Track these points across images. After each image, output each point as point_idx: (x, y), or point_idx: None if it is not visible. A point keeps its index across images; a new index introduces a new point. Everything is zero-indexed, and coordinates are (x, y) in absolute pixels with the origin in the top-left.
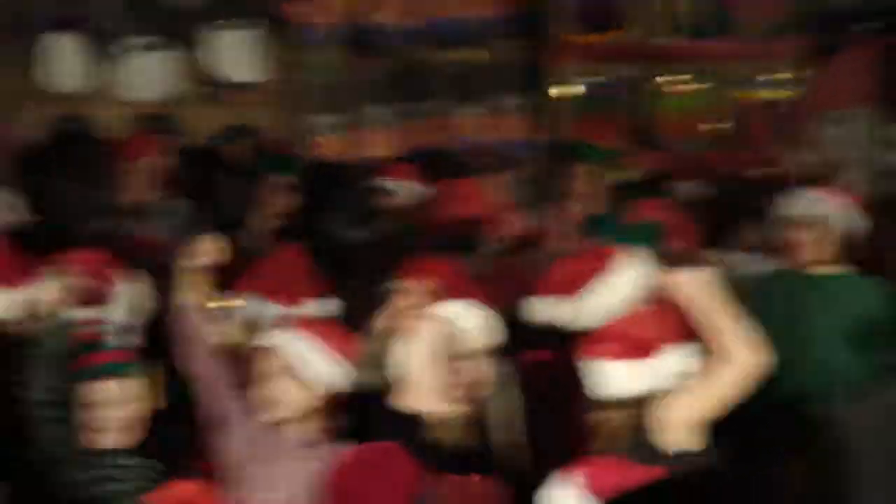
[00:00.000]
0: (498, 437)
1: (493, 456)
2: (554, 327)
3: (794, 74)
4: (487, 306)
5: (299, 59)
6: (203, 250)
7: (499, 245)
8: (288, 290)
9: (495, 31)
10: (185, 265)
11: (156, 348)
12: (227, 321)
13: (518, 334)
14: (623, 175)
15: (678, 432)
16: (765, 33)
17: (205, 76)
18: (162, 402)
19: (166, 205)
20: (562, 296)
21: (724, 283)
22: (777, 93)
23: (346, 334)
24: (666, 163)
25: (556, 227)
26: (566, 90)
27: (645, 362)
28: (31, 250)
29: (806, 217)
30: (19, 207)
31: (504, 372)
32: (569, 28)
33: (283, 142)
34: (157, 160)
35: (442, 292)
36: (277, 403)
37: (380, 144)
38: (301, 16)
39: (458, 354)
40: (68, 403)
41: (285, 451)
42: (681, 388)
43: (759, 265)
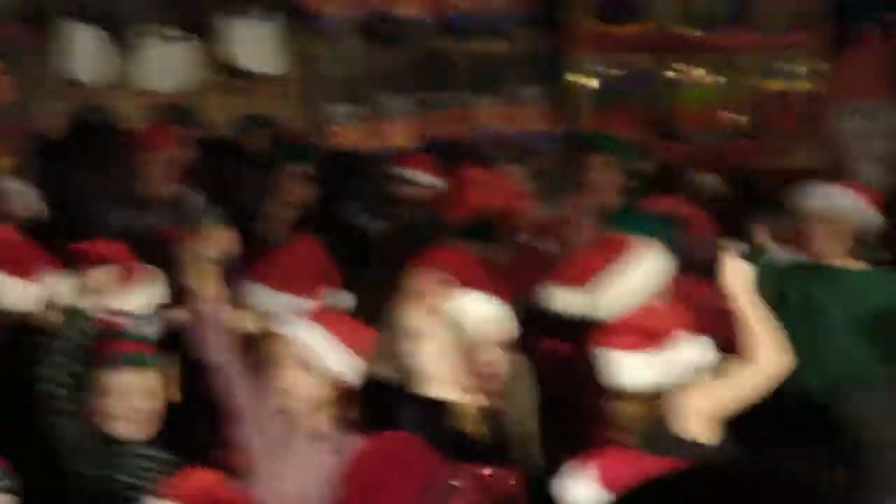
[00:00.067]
0: (514, 427)
1: (509, 446)
2: (571, 317)
3: (813, 66)
4: (503, 297)
5: (318, 50)
6: (213, 240)
7: (517, 235)
8: (304, 281)
9: (514, 21)
10: (195, 255)
11: (173, 340)
12: (243, 312)
13: (535, 325)
14: (641, 166)
15: (695, 425)
16: (783, 24)
17: (223, 67)
18: (178, 394)
19: (185, 196)
20: (578, 286)
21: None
22: (796, 84)
23: (359, 326)
24: (684, 154)
25: (574, 218)
26: (585, 81)
27: (659, 354)
28: (50, 242)
29: (823, 212)
30: (37, 199)
31: (520, 362)
32: (588, 19)
33: (301, 132)
34: (175, 151)
35: (458, 283)
36: (290, 394)
37: (398, 135)
38: (320, 6)
39: (474, 345)
40: (86, 395)
41: (299, 441)
42: (698, 381)
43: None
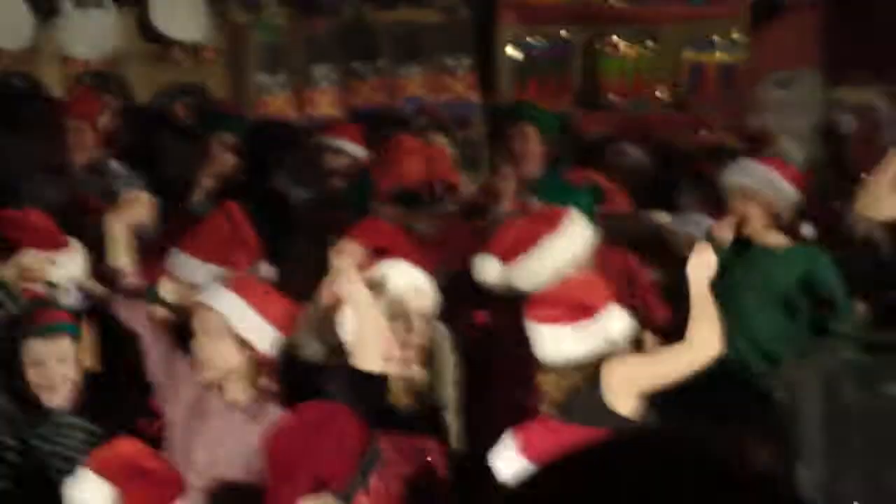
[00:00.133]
0: (437, 398)
1: (432, 417)
2: (498, 289)
3: (736, 36)
4: (428, 267)
5: (244, 19)
6: (130, 210)
7: (445, 205)
8: (228, 251)
9: None
10: (112, 225)
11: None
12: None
13: (462, 295)
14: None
15: (619, 397)
16: None
17: (150, 34)
18: (98, 363)
19: (109, 165)
20: (507, 258)
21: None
22: (722, 55)
23: (278, 296)
24: (607, 125)
25: (502, 189)
26: (512, 51)
27: (584, 326)
28: None
29: (742, 187)
30: None
31: (443, 333)
32: None
33: (227, 101)
34: (101, 119)
35: (384, 253)
36: (211, 363)
37: (325, 104)
38: None
39: (398, 315)
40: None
41: (223, 412)
42: (621, 353)
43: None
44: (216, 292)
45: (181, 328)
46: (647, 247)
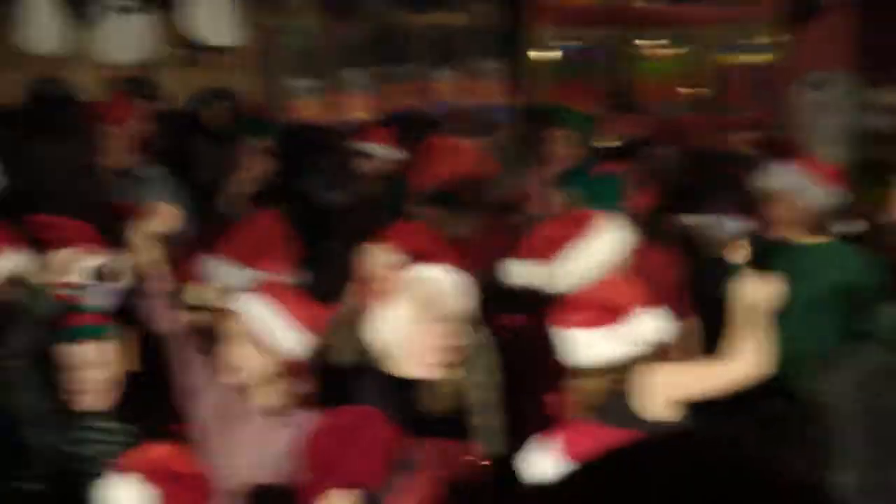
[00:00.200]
0: (474, 401)
1: (469, 420)
2: (532, 291)
3: (772, 38)
4: (464, 270)
5: (277, 23)
6: (158, 217)
7: (481, 207)
8: (263, 256)
9: None
10: (140, 231)
11: (131, 312)
12: (203, 287)
13: (497, 298)
14: (600, 139)
15: (656, 405)
16: None
17: (182, 39)
18: (136, 365)
19: (143, 170)
20: (541, 260)
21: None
22: (756, 57)
23: (309, 301)
24: (644, 127)
25: (535, 191)
26: (544, 54)
27: (618, 329)
28: (8, 215)
29: (779, 189)
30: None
31: (481, 336)
32: None
33: (260, 105)
34: (134, 124)
35: (419, 256)
36: (239, 368)
37: (357, 108)
38: None
39: (435, 318)
40: (47, 366)
41: (252, 416)
42: (658, 355)
43: (732, 229)
44: (244, 297)
45: (212, 332)
46: (676, 247)
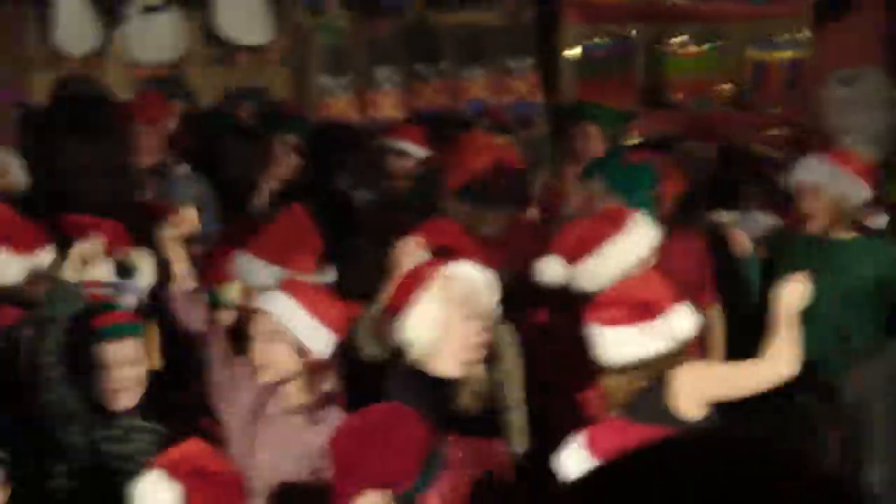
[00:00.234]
0: (502, 398)
1: (497, 417)
2: (562, 289)
3: (803, 34)
4: (492, 267)
5: (307, 21)
6: (179, 219)
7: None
8: (290, 254)
9: None
10: (164, 236)
11: (158, 311)
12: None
13: (526, 295)
14: (631, 136)
15: (689, 405)
16: None
17: (213, 38)
18: (159, 363)
19: (174, 168)
20: (572, 258)
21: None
22: (787, 53)
23: (332, 299)
24: (675, 124)
25: (566, 189)
26: (575, 51)
27: (651, 325)
28: (39, 215)
29: (808, 183)
30: (23, 171)
31: (508, 333)
32: None
33: (290, 104)
34: (166, 123)
35: (448, 253)
36: (267, 367)
37: (388, 106)
38: None
39: (463, 315)
40: (78, 365)
41: (281, 415)
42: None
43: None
44: (271, 296)
45: (241, 331)
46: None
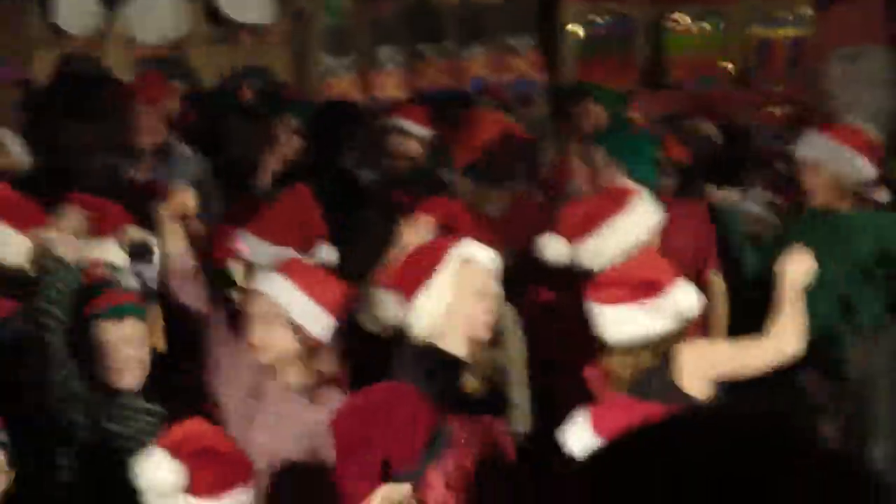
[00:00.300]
0: (505, 377)
1: (500, 396)
2: (567, 268)
3: (806, 12)
4: (496, 246)
5: (310, 1)
6: (175, 201)
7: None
8: (292, 234)
9: None
10: (161, 216)
11: (160, 291)
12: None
13: (529, 274)
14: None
15: (694, 382)
16: None
17: (216, 18)
18: (162, 343)
19: (176, 148)
20: (575, 236)
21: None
22: (790, 31)
23: (330, 279)
24: (676, 102)
25: (568, 168)
26: (577, 30)
27: (654, 304)
28: (40, 193)
29: (813, 160)
30: (27, 151)
31: (510, 312)
32: None
33: (293, 84)
34: (167, 103)
35: (450, 230)
36: (265, 348)
37: (390, 86)
38: None
39: (480, 295)
40: (82, 344)
41: (280, 395)
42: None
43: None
44: (268, 277)
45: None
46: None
